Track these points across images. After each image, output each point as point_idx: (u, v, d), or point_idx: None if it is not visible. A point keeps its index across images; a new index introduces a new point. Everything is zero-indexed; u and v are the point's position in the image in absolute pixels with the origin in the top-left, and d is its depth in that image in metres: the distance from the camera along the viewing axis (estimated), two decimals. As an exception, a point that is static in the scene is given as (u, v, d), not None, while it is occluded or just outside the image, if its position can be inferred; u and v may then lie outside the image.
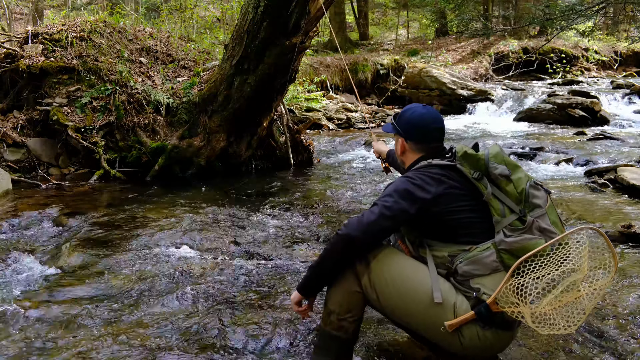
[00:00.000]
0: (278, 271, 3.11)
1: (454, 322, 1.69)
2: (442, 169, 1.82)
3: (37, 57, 6.02)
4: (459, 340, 1.71)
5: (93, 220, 4.03)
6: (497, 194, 1.75)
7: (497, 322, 1.69)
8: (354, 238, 1.75)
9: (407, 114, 2.01)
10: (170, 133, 5.74)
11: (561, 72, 14.53)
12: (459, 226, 1.78)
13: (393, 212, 1.74)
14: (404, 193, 1.76)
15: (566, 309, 1.61)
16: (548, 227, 1.68)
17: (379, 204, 1.77)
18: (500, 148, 1.82)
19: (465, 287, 1.74)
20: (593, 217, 3.95)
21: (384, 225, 1.76)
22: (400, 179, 1.84)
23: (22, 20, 15.03)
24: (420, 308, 1.75)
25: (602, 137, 7.58)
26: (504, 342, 1.77)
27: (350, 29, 20.23)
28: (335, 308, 1.87)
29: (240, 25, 5.16)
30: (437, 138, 1.95)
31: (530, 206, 1.71)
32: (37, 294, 2.78)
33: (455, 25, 11.64)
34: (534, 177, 1.80)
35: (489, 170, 1.77)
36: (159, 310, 2.59)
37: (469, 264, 1.72)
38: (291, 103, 9.47)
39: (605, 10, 7.96)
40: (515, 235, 1.67)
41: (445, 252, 1.79)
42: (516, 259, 1.62)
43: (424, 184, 1.77)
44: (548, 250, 1.62)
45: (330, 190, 5.12)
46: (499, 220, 1.72)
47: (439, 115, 1.99)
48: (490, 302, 1.65)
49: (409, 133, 1.97)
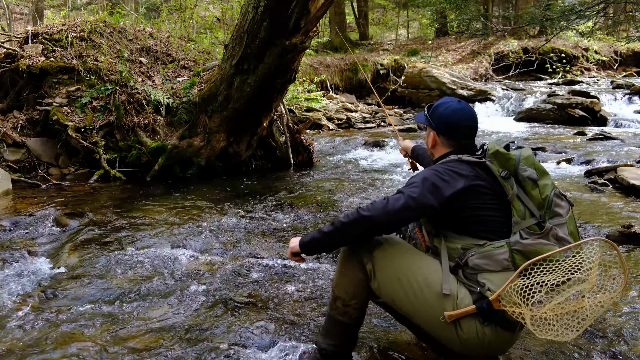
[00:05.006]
0: (278, 271, 3.11)
1: (453, 313, 1.70)
2: (471, 166, 1.83)
3: (37, 57, 6.02)
4: (457, 334, 1.72)
5: (93, 220, 4.03)
6: (521, 195, 1.76)
7: (497, 320, 1.69)
8: (377, 222, 1.76)
9: (441, 108, 1.99)
10: (170, 133, 5.74)
11: (561, 72, 14.52)
12: (478, 222, 1.79)
13: (418, 204, 1.74)
14: (431, 186, 1.76)
15: (567, 317, 1.61)
16: (565, 236, 1.70)
17: (405, 192, 1.76)
18: (532, 153, 1.84)
19: (472, 281, 1.75)
20: (593, 217, 3.95)
21: (406, 216, 1.77)
22: (427, 171, 1.84)
23: (22, 20, 15.03)
24: (421, 298, 1.77)
25: (602, 137, 7.58)
26: (504, 342, 1.76)
27: (350, 29, 20.23)
28: (341, 294, 1.94)
29: (240, 25, 5.16)
30: (468, 135, 1.95)
31: (552, 213, 1.72)
32: (37, 294, 2.77)
33: (456, 25, 11.64)
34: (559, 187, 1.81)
35: (517, 171, 1.78)
36: (159, 310, 2.59)
37: (481, 258, 1.73)
38: (291, 103, 9.47)
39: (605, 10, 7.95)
40: (531, 239, 1.68)
41: (459, 245, 1.80)
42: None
43: (451, 179, 1.78)
44: (558, 257, 1.62)
45: (330, 190, 5.12)
46: (518, 222, 1.73)
47: (473, 112, 1.97)
48: (493, 299, 1.66)
49: (441, 127, 1.96)
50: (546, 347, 2.22)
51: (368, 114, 10.97)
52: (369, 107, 11.83)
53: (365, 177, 5.78)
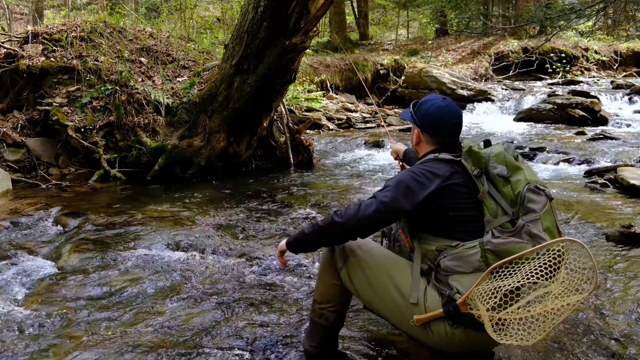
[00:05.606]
0: (278, 271, 3.11)
1: (422, 317, 1.72)
2: (449, 164, 1.82)
3: (37, 57, 6.02)
4: (429, 336, 1.74)
5: (93, 220, 4.03)
6: (493, 193, 1.73)
7: (466, 322, 1.67)
8: (348, 228, 1.79)
9: (425, 105, 1.97)
10: (170, 133, 5.74)
11: (561, 72, 14.52)
12: (452, 222, 1.78)
13: (389, 208, 1.75)
14: (404, 189, 1.76)
15: (531, 321, 1.55)
16: (539, 233, 1.65)
17: (377, 197, 1.77)
18: (506, 148, 1.78)
19: (442, 284, 1.75)
20: (593, 217, 3.94)
21: (378, 220, 1.78)
22: (404, 172, 1.84)
23: (22, 20, 15.02)
24: (393, 304, 1.82)
25: (602, 137, 7.58)
26: (479, 342, 1.72)
27: (351, 29, 20.22)
28: (317, 298, 2.03)
29: (240, 25, 5.16)
30: (452, 133, 1.94)
31: (525, 210, 1.67)
32: (38, 294, 2.78)
33: (455, 24, 11.64)
34: (542, 181, 1.75)
35: (488, 169, 1.76)
36: (159, 310, 2.59)
37: (452, 260, 1.72)
38: (291, 103, 9.47)
39: (605, 10, 7.95)
40: (502, 237, 1.65)
41: (433, 247, 1.80)
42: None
43: (426, 180, 1.77)
44: (529, 256, 1.58)
45: (330, 190, 5.12)
46: (490, 220, 1.71)
47: (458, 110, 1.96)
48: (460, 302, 1.65)
49: (425, 125, 1.96)
50: (546, 347, 2.22)
51: (368, 114, 10.97)
52: (369, 107, 11.83)
53: (365, 177, 5.78)
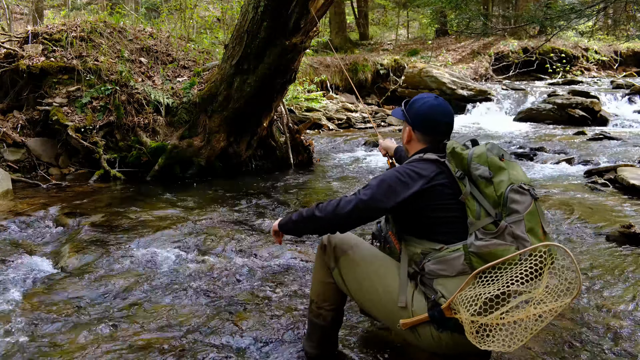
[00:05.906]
0: (278, 271, 3.11)
1: (407, 321, 1.72)
2: (434, 164, 1.80)
3: (37, 57, 6.02)
4: (416, 338, 1.75)
5: (93, 220, 4.03)
6: (476, 195, 1.70)
7: (451, 326, 1.65)
8: (327, 223, 1.82)
9: (417, 103, 1.95)
10: (170, 133, 5.74)
11: (561, 72, 14.53)
12: (436, 224, 1.76)
13: (367, 206, 1.75)
14: (386, 189, 1.75)
15: (513, 326, 1.52)
16: (522, 234, 1.61)
17: (358, 195, 1.78)
18: (489, 148, 1.74)
19: (428, 288, 1.74)
20: (593, 218, 3.94)
21: (358, 216, 1.78)
22: (389, 172, 1.83)
23: (22, 20, 15.02)
24: (382, 306, 1.83)
25: (602, 137, 7.58)
26: (467, 345, 1.66)
27: (351, 29, 20.22)
28: (314, 297, 2.05)
29: (240, 25, 5.16)
30: (443, 132, 1.92)
31: (508, 211, 1.63)
32: (38, 294, 2.77)
33: (455, 24, 11.63)
34: (529, 179, 1.72)
35: (470, 170, 1.72)
36: (159, 310, 2.59)
37: (436, 263, 1.71)
38: (291, 103, 9.47)
39: (606, 10, 7.96)
40: (485, 239, 1.62)
41: (418, 249, 1.78)
42: (485, 264, 1.57)
43: (410, 180, 1.76)
44: (511, 262, 1.55)
45: (330, 190, 5.12)
46: (474, 222, 1.68)
47: (450, 109, 1.95)
48: (445, 307, 1.63)
49: (417, 123, 1.94)
50: (546, 347, 2.22)
51: (369, 114, 10.96)
52: (369, 107, 11.84)
53: (365, 177, 5.77)
